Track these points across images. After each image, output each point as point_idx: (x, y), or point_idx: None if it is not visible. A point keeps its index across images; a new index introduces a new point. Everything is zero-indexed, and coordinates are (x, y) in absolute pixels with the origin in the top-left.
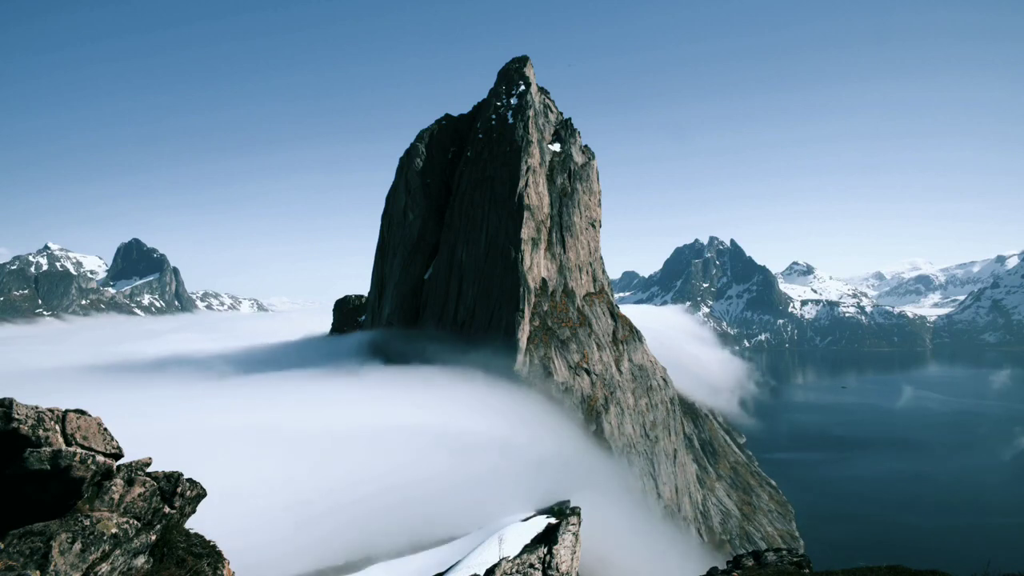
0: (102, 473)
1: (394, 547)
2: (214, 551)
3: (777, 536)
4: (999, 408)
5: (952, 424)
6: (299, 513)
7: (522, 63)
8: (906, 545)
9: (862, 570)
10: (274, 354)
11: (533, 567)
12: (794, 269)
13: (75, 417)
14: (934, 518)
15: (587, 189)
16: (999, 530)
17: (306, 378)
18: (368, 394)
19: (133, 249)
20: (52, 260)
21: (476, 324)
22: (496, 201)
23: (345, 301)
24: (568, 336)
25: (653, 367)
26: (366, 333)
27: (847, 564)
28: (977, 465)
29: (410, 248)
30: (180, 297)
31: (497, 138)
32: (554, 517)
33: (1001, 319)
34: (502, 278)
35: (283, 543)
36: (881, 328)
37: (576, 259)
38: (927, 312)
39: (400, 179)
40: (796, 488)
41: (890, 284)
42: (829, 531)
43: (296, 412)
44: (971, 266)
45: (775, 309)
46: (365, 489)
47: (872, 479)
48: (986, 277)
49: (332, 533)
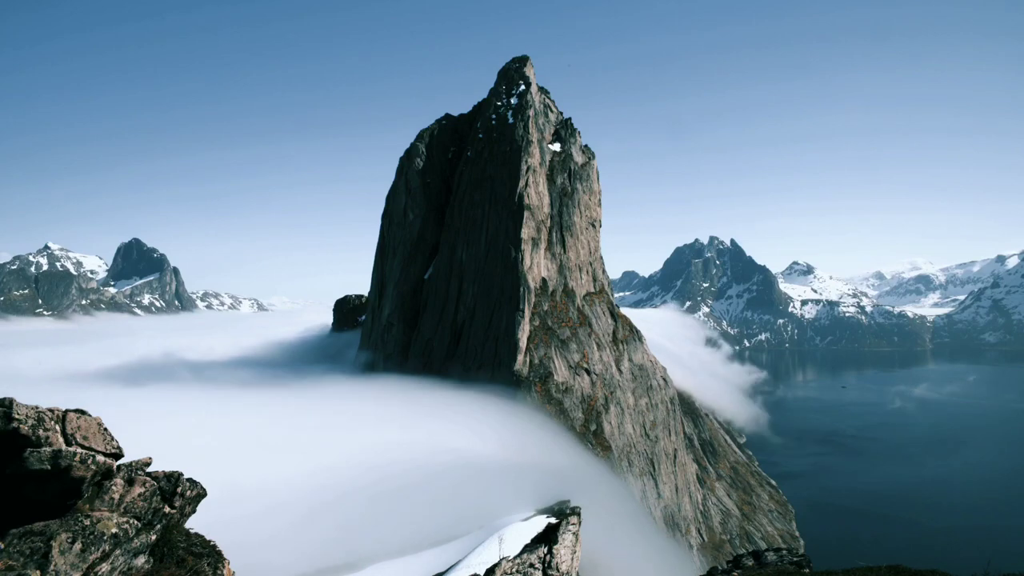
0: (102, 473)
1: (394, 547)
2: (214, 551)
3: (777, 536)
4: (999, 408)
5: (952, 424)
6: (299, 513)
7: (522, 63)
8: (906, 545)
9: (862, 570)
10: (274, 354)
11: (533, 567)
12: (794, 269)
13: (75, 417)
14: (934, 518)
15: (587, 189)
16: (999, 530)
17: (305, 378)
18: (368, 394)
19: (133, 249)
20: (52, 260)
21: (476, 324)
22: (496, 201)
23: (345, 301)
24: (568, 336)
25: (653, 367)
26: (366, 333)
27: (847, 564)
28: (977, 465)
29: (410, 248)
30: (180, 297)
31: (497, 138)
32: (554, 517)
33: (1001, 319)
34: (502, 278)
35: (283, 543)
36: (881, 328)
37: (576, 259)
38: (927, 312)
39: (400, 179)
40: (796, 488)
41: (890, 284)
42: (829, 531)
43: (295, 412)
44: (971, 266)
45: (775, 309)
46: (365, 489)
47: (872, 479)
48: (986, 277)
49: (332, 533)
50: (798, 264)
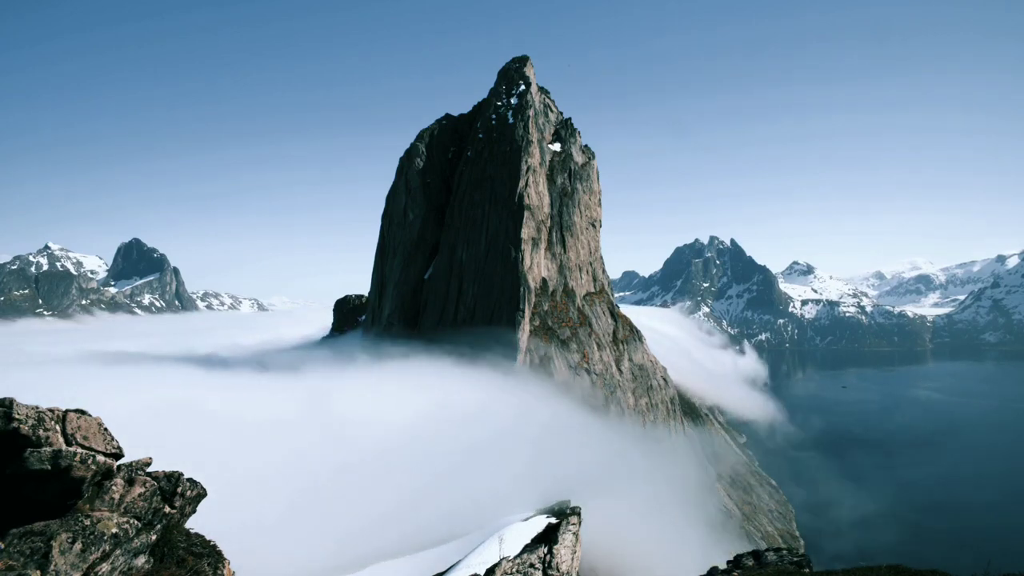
0: (102, 473)
1: (394, 547)
2: (214, 551)
3: (777, 536)
4: (999, 408)
5: (952, 424)
6: (299, 512)
7: (522, 63)
8: (906, 545)
9: (862, 570)
10: (274, 354)
11: (533, 567)
12: (794, 269)
13: (75, 417)
14: (934, 518)
15: (587, 189)
16: (999, 530)
17: (304, 379)
18: (368, 395)
19: (133, 249)
20: (52, 260)
21: (476, 324)
22: (496, 201)
23: (345, 301)
24: (568, 336)
25: (653, 367)
26: (367, 334)
27: (847, 564)
28: (978, 464)
29: (410, 248)
30: (180, 297)
31: (497, 138)
32: (554, 517)
33: (1001, 319)
34: (502, 278)
35: (283, 542)
36: (881, 328)
37: (576, 259)
38: (927, 312)
39: (400, 179)
40: (796, 488)
41: (890, 284)
42: (829, 531)
43: (295, 412)
44: (971, 266)
45: (775, 309)
46: (365, 489)
47: (872, 479)
48: (986, 277)
49: (332, 532)
50: (798, 264)
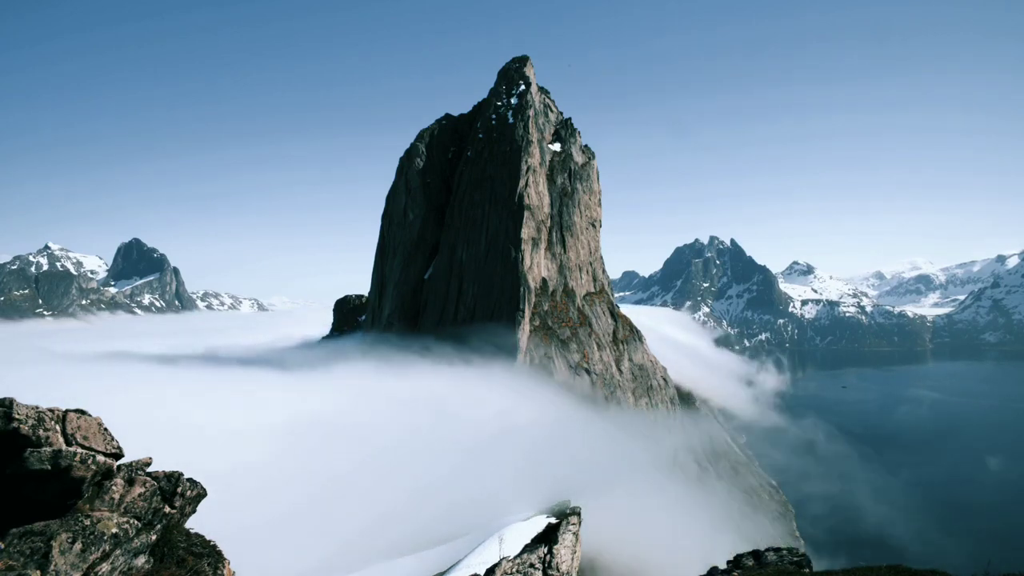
0: (102, 473)
1: (394, 547)
2: (214, 551)
3: (777, 536)
4: (999, 408)
5: (952, 424)
6: (300, 512)
7: (522, 63)
8: (906, 545)
9: (862, 570)
10: (274, 354)
11: (533, 567)
12: (794, 269)
13: (75, 417)
14: (934, 518)
15: (587, 189)
16: (999, 530)
17: (305, 379)
18: (368, 394)
19: (133, 249)
20: (52, 260)
21: (476, 324)
22: (496, 201)
23: (345, 301)
24: (568, 336)
25: (653, 367)
26: (367, 334)
27: (847, 564)
28: (978, 464)
29: (410, 248)
30: (180, 297)
31: (497, 138)
32: (554, 517)
33: (1002, 319)
34: (502, 278)
35: (283, 542)
36: (881, 328)
37: (576, 259)
38: (927, 312)
39: (400, 179)
40: (796, 488)
41: (890, 284)
42: (829, 531)
43: (295, 413)
44: (971, 266)
45: (775, 309)
46: (366, 489)
47: (872, 479)
48: (986, 277)
49: (332, 532)
50: (798, 264)
